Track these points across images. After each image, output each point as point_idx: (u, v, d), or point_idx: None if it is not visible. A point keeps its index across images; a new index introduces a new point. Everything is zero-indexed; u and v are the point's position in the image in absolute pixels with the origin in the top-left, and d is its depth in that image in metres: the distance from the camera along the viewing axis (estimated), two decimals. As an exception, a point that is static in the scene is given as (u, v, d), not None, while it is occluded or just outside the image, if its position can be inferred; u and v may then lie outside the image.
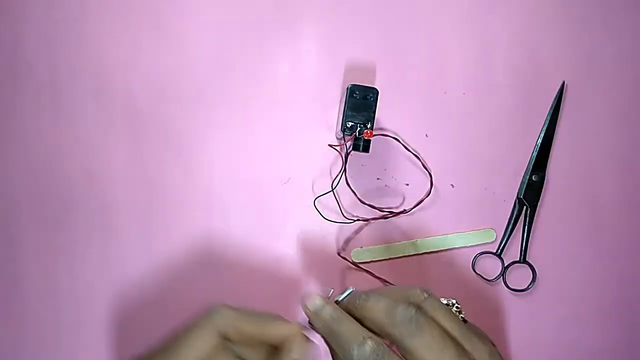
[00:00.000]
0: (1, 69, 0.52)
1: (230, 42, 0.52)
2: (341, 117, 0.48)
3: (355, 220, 0.51)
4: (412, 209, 0.51)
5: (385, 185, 0.52)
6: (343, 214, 0.51)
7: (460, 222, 0.52)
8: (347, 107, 0.46)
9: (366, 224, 0.51)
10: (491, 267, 0.52)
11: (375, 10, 0.52)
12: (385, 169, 0.52)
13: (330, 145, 0.51)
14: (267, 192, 0.52)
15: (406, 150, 0.51)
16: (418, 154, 0.51)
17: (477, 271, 0.51)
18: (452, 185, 0.52)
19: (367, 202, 0.51)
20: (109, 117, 0.52)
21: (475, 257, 0.52)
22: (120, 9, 0.52)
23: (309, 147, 0.52)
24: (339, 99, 0.52)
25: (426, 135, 0.52)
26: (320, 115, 0.52)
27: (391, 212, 0.51)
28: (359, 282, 0.51)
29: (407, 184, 0.52)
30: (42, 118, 0.51)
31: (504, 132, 0.52)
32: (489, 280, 0.51)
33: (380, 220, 0.51)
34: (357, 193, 0.51)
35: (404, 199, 0.52)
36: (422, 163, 0.51)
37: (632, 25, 0.54)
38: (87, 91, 0.52)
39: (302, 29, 0.52)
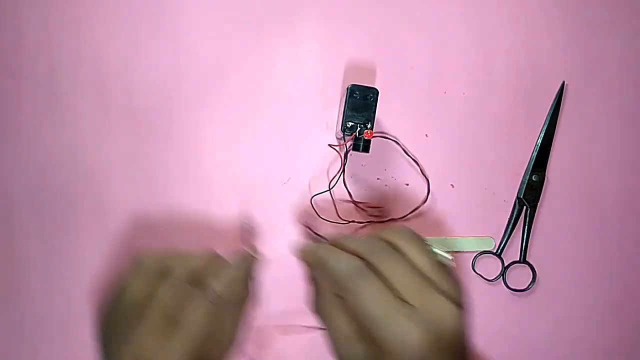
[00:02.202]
0: (1, 69, 0.52)
1: (230, 42, 0.52)
2: (341, 117, 0.48)
3: (349, 222, 0.51)
4: (407, 215, 0.51)
5: (385, 186, 0.52)
6: (338, 215, 0.51)
7: (459, 222, 0.52)
8: (347, 107, 0.46)
9: (364, 225, 0.51)
10: (491, 267, 0.52)
11: (375, 10, 0.52)
12: (385, 169, 0.52)
13: (330, 145, 0.51)
14: (267, 192, 0.52)
15: (406, 155, 0.51)
16: (417, 159, 0.51)
17: (477, 271, 0.51)
18: (452, 185, 0.52)
19: (363, 207, 0.51)
20: (109, 117, 0.52)
21: (475, 257, 0.52)
22: (120, 9, 0.52)
23: (309, 147, 0.52)
24: (339, 99, 0.52)
25: (426, 135, 0.52)
26: (320, 115, 0.52)
27: (389, 218, 0.51)
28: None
29: (407, 184, 0.52)
30: (42, 118, 0.51)
31: (504, 132, 0.52)
32: (489, 280, 0.52)
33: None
34: (354, 195, 0.51)
35: (403, 200, 0.52)
36: (420, 169, 0.51)
37: (632, 25, 0.54)
38: (87, 91, 0.52)
39: (302, 28, 0.52)
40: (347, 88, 0.47)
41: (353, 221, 0.51)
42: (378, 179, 0.52)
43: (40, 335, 0.51)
